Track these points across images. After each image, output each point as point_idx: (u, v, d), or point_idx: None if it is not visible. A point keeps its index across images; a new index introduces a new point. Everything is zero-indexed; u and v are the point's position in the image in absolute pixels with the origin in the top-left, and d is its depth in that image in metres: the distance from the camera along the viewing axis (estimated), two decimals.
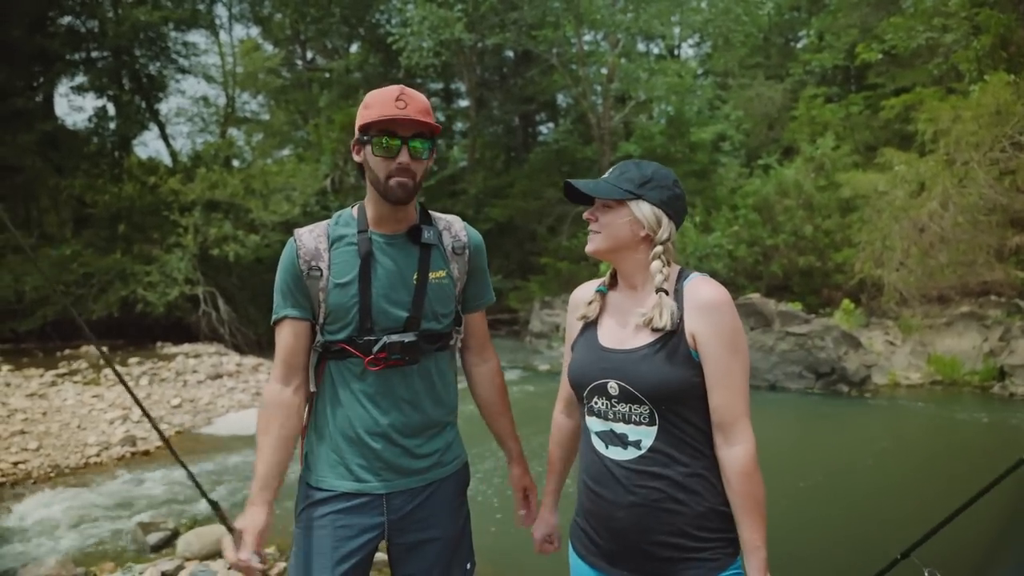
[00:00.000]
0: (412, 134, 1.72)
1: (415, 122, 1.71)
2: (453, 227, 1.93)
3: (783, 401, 9.87)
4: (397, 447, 1.80)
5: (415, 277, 1.81)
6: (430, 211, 1.92)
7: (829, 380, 10.13)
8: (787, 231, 15.28)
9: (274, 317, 1.83)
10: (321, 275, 1.78)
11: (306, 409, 1.89)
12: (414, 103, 1.73)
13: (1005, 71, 10.97)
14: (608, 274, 1.79)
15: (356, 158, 1.81)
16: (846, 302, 12.73)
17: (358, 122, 1.76)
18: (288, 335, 1.81)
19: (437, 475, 1.87)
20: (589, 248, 1.67)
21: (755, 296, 11.86)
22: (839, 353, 10.30)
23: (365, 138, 1.75)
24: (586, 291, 1.83)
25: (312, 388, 1.86)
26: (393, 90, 1.73)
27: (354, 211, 1.87)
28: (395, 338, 1.77)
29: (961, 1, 13.06)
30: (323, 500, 1.79)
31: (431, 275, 1.83)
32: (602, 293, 1.75)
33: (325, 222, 1.86)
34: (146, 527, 5.13)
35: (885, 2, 17.94)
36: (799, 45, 23.52)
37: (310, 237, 1.81)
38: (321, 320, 1.80)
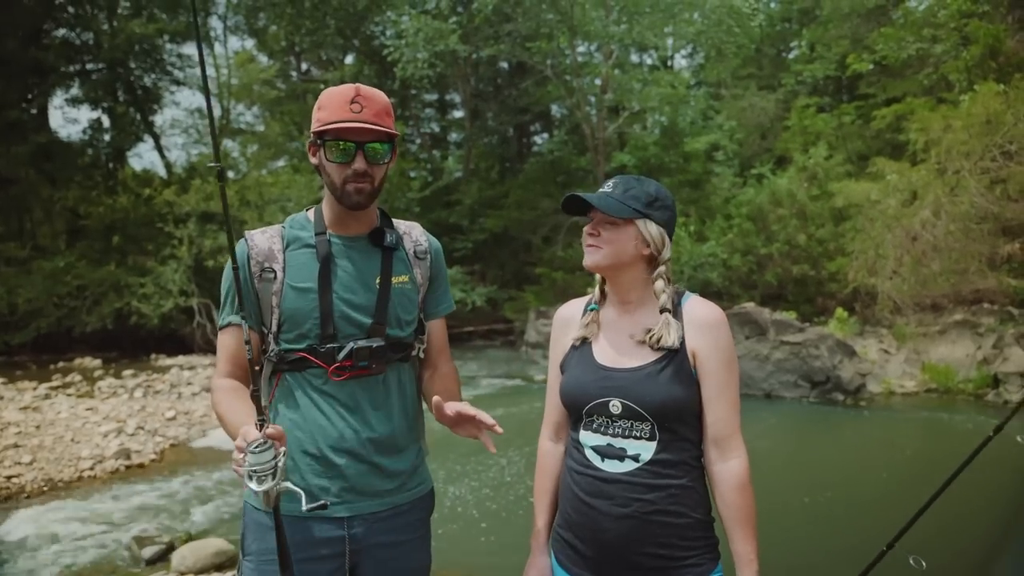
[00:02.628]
0: (369, 139, 1.65)
1: (370, 130, 1.63)
2: (413, 232, 1.86)
3: (778, 410, 9.88)
4: (363, 464, 1.68)
5: (378, 281, 1.72)
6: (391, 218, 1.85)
7: (824, 389, 10.15)
8: (781, 240, 15.34)
9: (220, 323, 1.71)
10: (275, 277, 1.67)
11: None
12: (371, 105, 1.64)
13: (995, 81, 11.10)
14: (597, 291, 1.77)
15: (312, 159, 1.73)
16: (840, 311, 12.76)
17: (313, 124, 1.68)
18: (232, 342, 1.69)
19: (401, 499, 1.74)
20: (589, 262, 1.67)
21: (750, 305, 11.89)
22: (834, 362, 10.32)
23: (319, 142, 1.67)
24: (574, 309, 1.81)
25: (264, 402, 1.66)
26: (348, 91, 1.64)
27: (310, 214, 1.79)
28: (362, 343, 1.66)
29: (950, 12, 13.23)
30: (268, 527, 1.58)
31: (394, 279, 1.74)
32: (595, 311, 1.74)
33: (277, 225, 1.77)
34: (141, 541, 5.10)
35: (875, 13, 18.13)
36: (791, 56, 23.70)
37: (263, 238, 1.71)
38: (274, 328, 1.68)
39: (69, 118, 35.90)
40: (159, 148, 22.72)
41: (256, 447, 1.34)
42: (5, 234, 18.23)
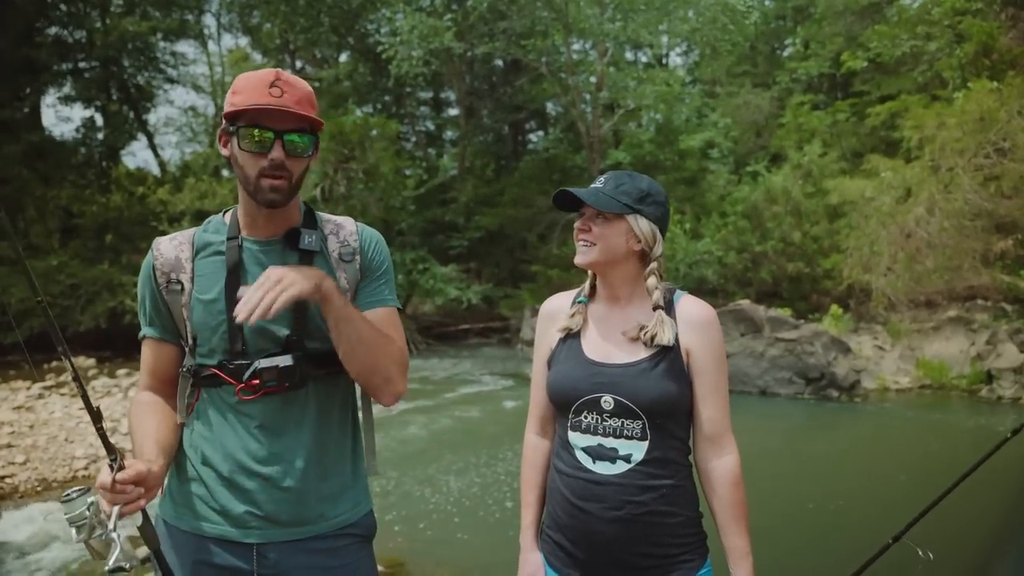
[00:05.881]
0: (289, 127, 1.47)
1: (292, 115, 1.45)
2: (342, 231, 1.64)
3: (773, 407, 9.91)
4: (275, 489, 1.52)
5: None
6: (319, 213, 1.67)
7: (819, 385, 10.18)
8: (776, 237, 15.37)
9: (140, 334, 1.63)
10: (182, 289, 1.53)
11: None
12: (292, 91, 1.46)
13: (988, 78, 11.15)
14: (587, 284, 1.76)
15: (223, 151, 1.54)
16: (835, 307, 12.80)
17: (226, 108, 1.49)
18: (149, 355, 1.61)
19: (323, 528, 1.57)
20: (581, 260, 1.66)
21: (745, 302, 11.91)
22: (828, 358, 10.35)
23: (232, 128, 1.48)
24: (561, 302, 1.79)
25: (182, 419, 1.59)
26: (267, 74, 1.47)
27: (226, 217, 1.63)
28: (267, 363, 1.50)
29: (944, 10, 13.27)
30: (183, 543, 1.54)
31: None
32: (583, 304, 1.73)
33: (192, 229, 1.62)
34: (135, 541, 5.07)
35: (869, 11, 18.17)
36: (785, 53, 23.73)
37: (170, 246, 1.58)
38: (190, 341, 1.55)
39: (62, 117, 35.90)
40: (153, 147, 22.64)
41: (67, 495, 1.25)
42: None
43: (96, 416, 1.31)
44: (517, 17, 17.82)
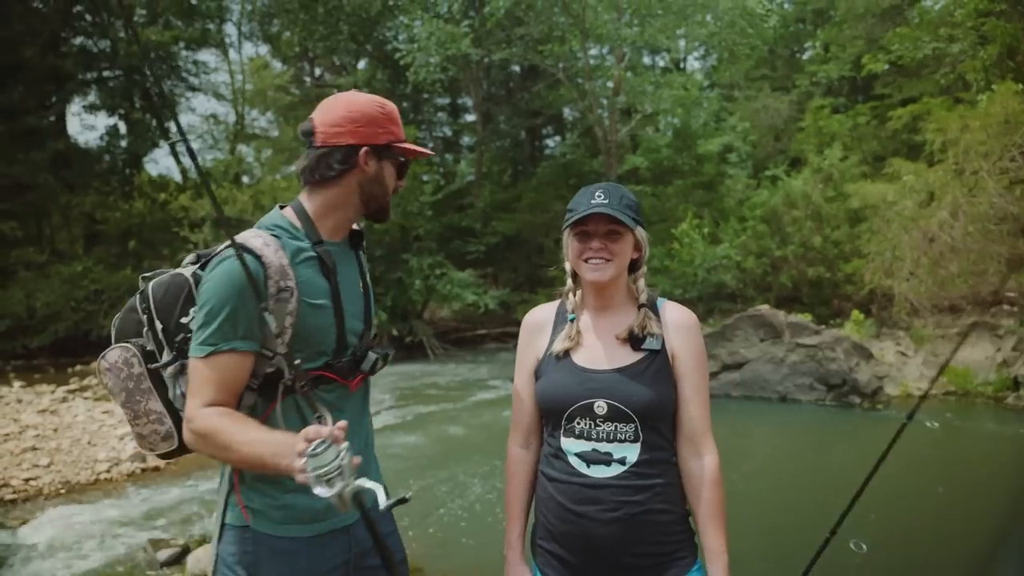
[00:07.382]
0: None
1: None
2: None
3: (794, 413, 9.79)
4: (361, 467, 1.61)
5: (360, 285, 1.74)
6: None
7: (840, 392, 10.04)
8: (796, 242, 15.22)
9: (210, 348, 1.47)
10: (292, 296, 1.53)
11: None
12: None
13: (1013, 80, 10.96)
14: (571, 297, 1.79)
15: (366, 167, 1.63)
16: (856, 313, 12.63)
17: (383, 134, 1.65)
18: (228, 369, 1.49)
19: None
20: (601, 277, 1.67)
21: (764, 307, 11.79)
22: (850, 364, 10.21)
23: (399, 158, 1.71)
24: (544, 314, 1.84)
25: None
26: (396, 110, 1.72)
27: (290, 216, 1.65)
28: (379, 351, 1.70)
29: (967, 11, 13.06)
30: (286, 553, 1.56)
31: (368, 282, 1.79)
32: (574, 321, 1.75)
33: (264, 232, 1.59)
34: (156, 544, 5.12)
35: (890, 13, 17.97)
36: (805, 57, 23.57)
37: (270, 252, 1.53)
38: (284, 349, 1.52)
39: (87, 125, 36.77)
40: (174, 154, 22.92)
41: (313, 449, 1.24)
42: (24, 239, 18.45)
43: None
44: (534, 23, 17.87)
